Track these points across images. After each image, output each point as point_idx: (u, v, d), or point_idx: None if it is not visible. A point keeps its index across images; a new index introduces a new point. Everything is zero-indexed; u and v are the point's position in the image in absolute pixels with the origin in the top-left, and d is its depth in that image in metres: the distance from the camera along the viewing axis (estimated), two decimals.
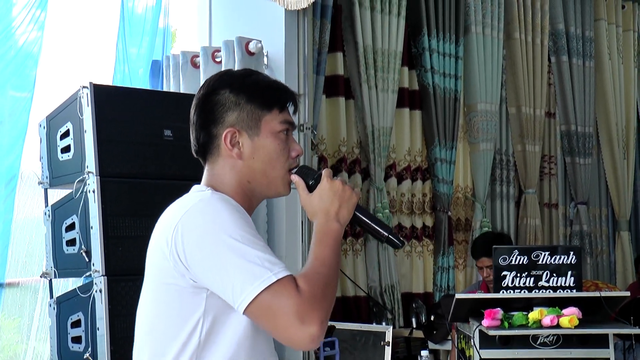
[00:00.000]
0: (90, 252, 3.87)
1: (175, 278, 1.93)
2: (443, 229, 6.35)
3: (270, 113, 2.09)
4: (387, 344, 4.69)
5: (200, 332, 1.92)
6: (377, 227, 2.13)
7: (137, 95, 4.36)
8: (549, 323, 4.09)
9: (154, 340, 1.99)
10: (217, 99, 2.09)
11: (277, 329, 1.83)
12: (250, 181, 2.08)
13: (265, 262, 1.85)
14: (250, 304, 1.82)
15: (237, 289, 1.83)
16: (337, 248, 2.00)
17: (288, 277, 1.84)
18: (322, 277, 1.89)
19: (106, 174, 3.89)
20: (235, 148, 2.07)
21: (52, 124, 4.20)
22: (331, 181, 2.07)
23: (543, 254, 4.47)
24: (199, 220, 1.92)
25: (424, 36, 6.30)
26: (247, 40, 4.88)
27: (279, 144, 2.09)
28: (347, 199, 2.06)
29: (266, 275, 1.82)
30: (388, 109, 5.97)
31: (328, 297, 1.88)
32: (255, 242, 1.88)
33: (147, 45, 5.39)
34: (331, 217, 2.03)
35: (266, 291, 1.81)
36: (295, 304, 1.81)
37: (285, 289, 1.82)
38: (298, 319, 1.80)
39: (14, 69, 4.77)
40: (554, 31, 7.49)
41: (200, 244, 1.89)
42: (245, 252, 1.85)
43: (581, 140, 7.56)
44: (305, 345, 1.83)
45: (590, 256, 7.60)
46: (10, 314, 4.81)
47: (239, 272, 1.84)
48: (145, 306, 2.05)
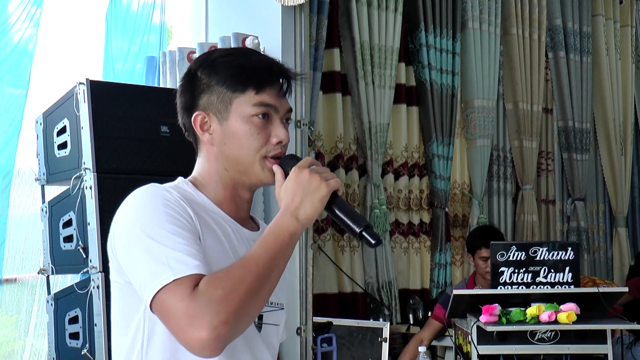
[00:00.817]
0: (88, 248, 3.86)
1: (116, 275, 1.88)
2: (440, 225, 6.35)
3: (244, 95, 1.92)
4: (384, 340, 4.70)
5: (143, 330, 1.85)
6: (349, 221, 1.87)
7: (134, 91, 4.35)
8: (547, 319, 4.09)
9: (114, 339, 1.94)
10: (194, 81, 1.97)
11: (172, 331, 1.71)
12: (227, 168, 1.95)
13: (171, 260, 1.71)
14: (151, 303, 1.72)
15: (142, 287, 1.74)
16: (279, 248, 1.78)
17: (188, 277, 1.69)
18: (231, 278, 1.70)
19: (103, 170, 3.88)
20: (206, 133, 1.96)
21: (49, 120, 4.20)
22: (298, 171, 1.84)
23: (541, 249, 4.47)
24: (124, 214, 1.85)
25: (421, 32, 6.29)
26: (244, 36, 4.87)
27: (251, 128, 1.91)
28: (312, 191, 1.82)
29: (165, 274, 1.70)
30: (385, 105, 5.97)
31: (232, 301, 1.67)
32: (171, 239, 1.75)
33: (141, 41, 5.38)
34: (289, 212, 1.82)
35: (163, 291, 1.69)
36: (185, 305, 1.66)
37: (180, 289, 1.68)
38: (187, 322, 1.66)
39: (9, 65, 4.76)
40: (552, 27, 7.49)
41: (121, 238, 1.83)
42: (153, 250, 1.74)
43: (578, 136, 7.56)
44: (198, 351, 1.67)
45: (588, 252, 7.60)
46: (8, 311, 4.81)
47: (145, 270, 1.74)
48: None
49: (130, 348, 1.87)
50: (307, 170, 1.84)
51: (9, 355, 4.83)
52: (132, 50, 5.35)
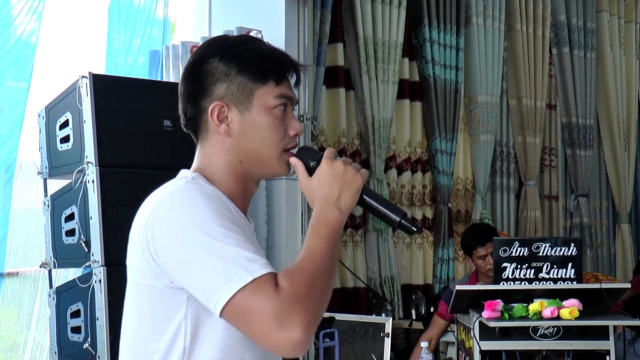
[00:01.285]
0: (90, 242, 3.86)
1: (151, 279, 1.75)
2: (443, 221, 6.35)
3: (265, 86, 1.85)
4: (386, 335, 4.69)
5: (184, 336, 1.74)
6: (387, 211, 1.88)
7: (137, 85, 4.34)
8: (549, 315, 4.08)
9: (137, 341, 1.82)
10: (205, 68, 1.86)
11: (256, 334, 1.62)
12: (242, 161, 1.87)
13: (241, 259, 1.63)
14: (224, 307, 1.61)
15: (209, 291, 1.63)
16: (333, 239, 1.75)
17: (266, 276, 1.62)
18: (307, 274, 1.65)
19: (105, 164, 3.88)
20: (222, 124, 1.86)
21: (51, 114, 4.19)
22: (331, 162, 1.82)
23: (543, 245, 4.46)
24: (169, 215, 1.72)
25: (425, 27, 6.28)
26: (247, 30, 4.87)
27: (273, 120, 1.85)
28: (349, 182, 1.81)
29: (241, 274, 1.61)
30: (388, 100, 5.96)
31: (315, 297, 1.64)
32: (232, 237, 1.67)
33: (144, 35, 5.38)
34: (330, 203, 1.79)
35: (241, 292, 1.60)
36: (273, 305, 1.59)
37: (262, 289, 1.60)
38: (277, 323, 1.58)
39: (12, 59, 4.76)
40: (556, 22, 7.48)
41: (171, 242, 1.70)
42: (218, 250, 1.64)
43: (582, 132, 7.54)
44: (288, 352, 1.60)
45: (591, 248, 7.59)
46: (10, 304, 4.81)
47: (212, 272, 1.63)
48: (128, 307, 1.86)
49: (164, 355, 1.76)
50: (341, 161, 1.84)
51: (11, 349, 4.84)
52: (134, 44, 5.35)
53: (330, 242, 1.74)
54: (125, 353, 1.86)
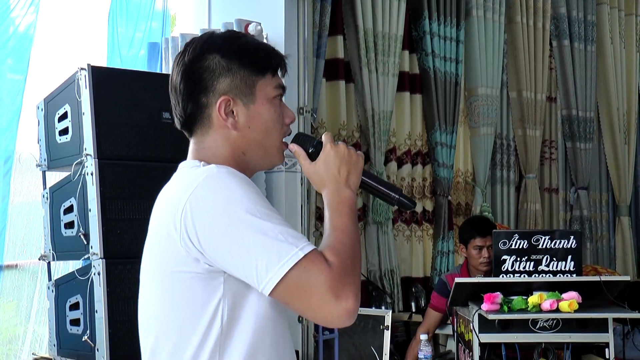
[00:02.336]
0: (89, 234, 3.85)
1: (189, 265, 1.77)
2: (443, 214, 6.34)
3: (264, 78, 1.93)
4: (386, 327, 4.69)
5: (221, 318, 1.78)
6: (386, 189, 2.02)
7: (136, 77, 4.33)
8: (549, 307, 4.09)
9: (172, 334, 1.83)
10: (206, 65, 1.90)
11: (310, 308, 1.69)
12: (245, 152, 1.93)
13: (289, 237, 1.70)
14: (277, 285, 1.68)
15: (261, 270, 1.68)
16: (354, 216, 1.86)
17: (315, 251, 1.71)
18: (348, 247, 1.76)
19: (104, 156, 3.87)
20: (230, 118, 1.90)
21: (50, 106, 4.18)
22: (335, 146, 1.92)
23: (543, 238, 4.46)
24: (210, 199, 1.75)
25: (425, 20, 6.27)
26: (247, 22, 4.86)
27: (275, 110, 1.94)
28: (354, 163, 1.92)
29: (292, 251, 1.68)
30: (388, 92, 5.95)
31: (358, 268, 1.76)
32: (274, 217, 1.73)
33: (146, 28, 5.37)
34: (342, 184, 1.89)
35: (294, 269, 1.67)
36: (327, 279, 1.67)
37: (315, 265, 1.68)
38: (332, 295, 1.66)
39: (11, 51, 4.75)
40: (556, 15, 7.46)
41: (214, 224, 1.72)
42: (266, 229, 1.70)
43: (582, 125, 7.54)
44: (343, 322, 1.69)
45: (590, 241, 7.59)
46: (9, 297, 4.81)
47: (262, 251, 1.69)
48: (152, 299, 1.89)
49: (201, 342, 1.79)
50: (342, 144, 1.94)
51: (11, 341, 4.84)
52: (136, 36, 5.34)
53: (353, 219, 1.86)
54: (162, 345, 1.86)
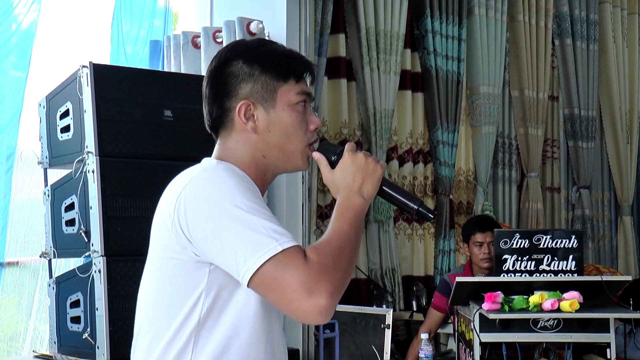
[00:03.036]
0: (90, 232, 3.85)
1: (177, 252, 1.84)
2: (444, 212, 6.34)
3: (287, 84, 1.99)
4: (387, 326, 4.69)
5: (200, 309, 1.84)
6: (406, 200, 2.03)
7: (138, 75, 4.33)
8: (550, 307, 4.08)
9: (155, 318, 1.92)
10: (229, 71, 2.00)
11: (283, 302, 1.73)
12: (266, 155, 2.00)
13: (270, 231, 1.75)
14: (253, 276, 1.72)
15: (240, 260, 1.74)
16: (357, 223, 1.89)
17: (295, 247, 1.75)
18: (334, 248, 1.79)
19: (106, 154, 3.87)
20: (249, 121, 1.98)
21: (52, 103, 4.19)
22: (353, 155, 1.98)
23: (544, 237, 4.46)
24: (202, 190, 1.84)
25: (427, 18, 6.26)
26: (249, 20, 4.86)
27: (297, 116, 2.00)
28: (370, 172, 1.96)
29: (271, 245, 1.73)
30: (390, 91, 5.95)
31: (340, 269, 1.77)
32: (261, 212, 1.79)
33: (147, 26, 5.37)
34: (354, 191, 1.94)
35: (270, 261, 1.71)
36: (301, 274, 1.70)
37: (291, 259, 1.72)
38: (305, 290, 1.70)
39: (13, 48, 4.75)
40: (558, 14, 7.45)
41: (203, 214, 1.80)
42: (249, 222, 1.76)
43: (584, 124, 7.53)
44: (314, 318, 1.72)
45: (592, 241, 7.58)
46: (10, 294, 4.81)
47: (243, 242, 1.74)
48: (147, 283, 1.97)
49: (179, 327, 1.86)
50: (362, 153, 1.99)
51: (12, 338, 4.84)
52: (140, 34, 5.34)
53: (354, 224, 1.88)
54: (145, 329, 1.95)
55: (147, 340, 1.93)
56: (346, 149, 2.00)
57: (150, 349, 1.91)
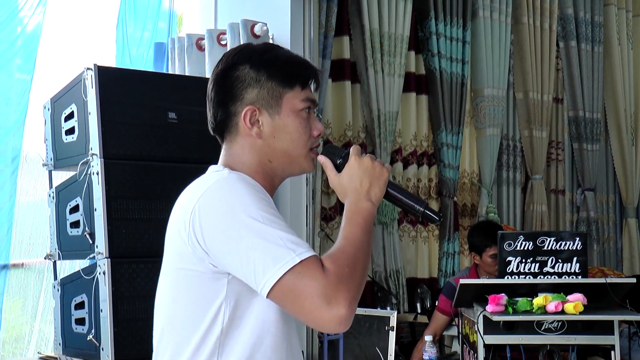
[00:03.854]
0: (94, 234, 3.86)
1: (194, 263, 1.86)
2: (449, 215, 6.33)
3: (292, 90, 2.01)
4: (391, 328, 4.69)
5: (222, 319, 1.85)
6: (411, 202, 2.05)
7: (142, 77, 4.34)
8: (554, 309, 4.08)
9: (175, 329, 1.92)
10: (236, 75, 2.01)
11: (303, 312, 1.75)
12: (272, 160, 2.02)
13: (287, 242, 1.77)
14: (273, 287, 1.74)
15: (259, 272, 1.75)
16: (368, 227, 1.91)
17: (312, 258, 1.76)
18: (349, 256, 1.80)
19: (110, 156, 3.88)
20: (254, 127, 2.00)
21: (57, 105, 4.20)
22: (360, 159, 1.99)
23: (548, 239, 4.46)
24: (217, 202, 1.84)
25: (431, 20, 6.27)
26: (253, 23, 4.86)
27: (301, 122, 2.01)
28: (377, 175, 1.98)
29: (289, 256, 1.74)
30: (394, 93, 5.95)
31: (356, 277, 1.78)
32: (277, 222, 1.80)
33: (152, 28, 5.38)
34: (362, 196, 1.95)
35: (289, 273, 1.73)
36: (320, 284, 1.72)
37: (309, 270, 1.74)
38: (324, 301, 1.71)
39: (18, 50, 4.75)
40: (563, 16, 7.45)
41: (219, 226, 1.81)
42: (266, 233, 1.77)
43: (589, 126, 7.52)
44: (334, 328, 1.74)
45: (597, 243, 7.58)
46: (15, 295, 4.82)
47: (261, 254, 1.76)
48: (164, 294, 1.98)
49: (202, 339, 1.87)
50: (368, 157, 2.00)
51: (17, 339, 4.85)
52: (144, 36, 5.35)
53: (365, 230, 1.90)
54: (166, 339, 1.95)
55: (168, 351, 1.93)
56: (352, 153, 2.01)
57: None
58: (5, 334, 4.75)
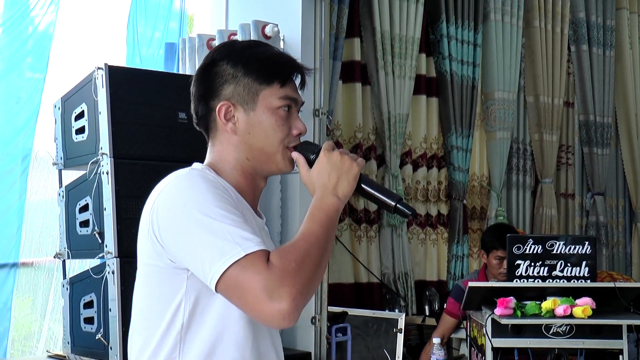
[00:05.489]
0: (103, 233, 3.87)
1: (155, 259, 1.88)
2: (458, 217, 6.33)
3: (270, 87, 1.98)
4: (399, 331, 4.69)
5: (183, 314, 1.86)
6: (383, 197, 1.99)
7: (153, 77, 4.35)
8: (562, 313, 4.07)
9: (142, 324, 1.95)
10: (215, 71, 2.01)
11: (247, 306, 1.75)
12: (249, 158, 2.00)
13: (235, 237, 1.76)
14: (219, 281, 1.74)
15: (206, 266, 1.76)
16: (329, 223, 1.87)
17: (258, 252, 1.74)
18: (299, 251, 1.77)
19: (120, 155, 3.89)
20: (229, 123, 1.99)
21: (67, 105, 4.21)
22: (329, 153, 1.96)
23: (558, 243, 4.45)
24: (172, 198, 1.85)
25: (443, 23, 6.26)
26: (264, 23, 4.86)
27: (277, 120, 1.98)
28: (346, 170, 1.94)
29: (234, 250, 1.73)
30: (405, 95, 5.95)
31: (304, 272, 1.74)
32: (230, 218, 1.79)
33: (163, 28, 5.39)
34: (328, 191, 1.92)
35: (233, 267, 1.72)
36: (263, 278, 1.71)
37: (253, 264, 1.72)
38: (266, 295, 1.70)
39: (30, 50, 4.77)
40: (575, 20, 7.44)
41: (172, 221, 1.83)
42: (215, 228, 1.77)
43: (599, 130, 7.51)
44: (277, 323, 1.72)
45: (606, 247, 7.55)
46: (25, 294, 4.83)
47: (208, 249, 1.76)
48: (135, 289, 1.99)
49: (164, 333, 1.88)
50: (337, 151, 1.97)
51: (26, 337, 4.87)
52: (155, 36, 5.36)
53: (324, 226, 1.86)
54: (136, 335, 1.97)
55: (137, 347, 1.95)
56: (322, 148, 1.98)
57: (141, 355, 1.93)
58: (15, 332, 4.76)
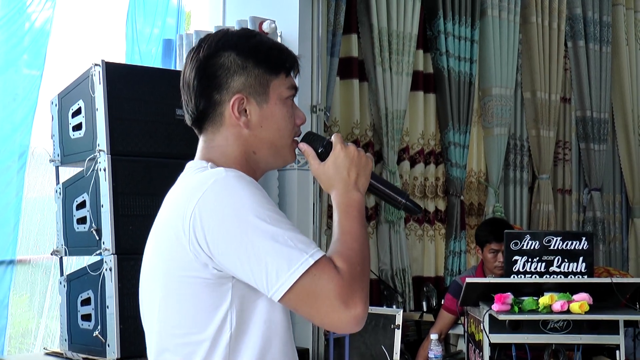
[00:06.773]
0: (101, 230, 3.87)
1: (198, 270, 1.75)
2: (455, 213, 6.33)
3: (278, 78, 1.92)
4: (397, 327, 4.70)
5: (230, 324, 1.76)
6: (393, 193, 2.01)
7: (149, 73, 4.35)
8: (559, 308, 4.08)
9: (178, 340, 1.82)
10: (221, 62, 1.89)
11: (319, 315, 1.69)
12: (256, 152, 1.92)
13: (298, 243, 1.69)
14: (287, 292, 1.67)
15: (271, 276, 1.67)
16: (363, 219, 1.85)
17: (324, 258, 1.70)
18: (357, 254, 1.75)
19: (117, 152, 3.89)
20: (242, 116, 1.89)
21: (64, 101, 4.20)
22: (345, 148, 1.91)
23: (555, 239, 4.46)
24: (219, 204, 1.73)
25: (440, 19, 6.26)
26: (261, 20, 4.86)
27: (287, 111, 1.92)
28: (363, 165, 1.91)
29: (302, 258, 1.67)
30: (402, 92, 5.95)
31: (366, 274, 1.75)
32: (283, 222, 1.72)
33: (160, 24, 5.38)
34: (351, 186, 1.88)
35: (304, 276, 1.66)
36: (336, 287, 1.67)
37: (324, 272, 1.68)
38: (341, 303, 1.66)
39: (27, 46, 4.76)
40: (571, 16, 7.44)
41: (224, 229, 1.71)
42: (275, 234, 1.69)
43: (596, 126, 7.51)
44: (351, 328, 1.69)
45: (603, 243, 7.56)
46: (22, 291, 4.83)
47: (272, 258, 1.67)
48: (154, 301, 1.87)
49: (211, 346, 1.78)
50: (353, 146, 1.94)
51: (23, 335, 4.86)
52: (153, 33, 5.35)
53: (362, 222, 1.85)
54: (173, 350, 1.84)
55: None
56: (336, 141, 1.93)
57: None
58: (12, 329, 4.76)
